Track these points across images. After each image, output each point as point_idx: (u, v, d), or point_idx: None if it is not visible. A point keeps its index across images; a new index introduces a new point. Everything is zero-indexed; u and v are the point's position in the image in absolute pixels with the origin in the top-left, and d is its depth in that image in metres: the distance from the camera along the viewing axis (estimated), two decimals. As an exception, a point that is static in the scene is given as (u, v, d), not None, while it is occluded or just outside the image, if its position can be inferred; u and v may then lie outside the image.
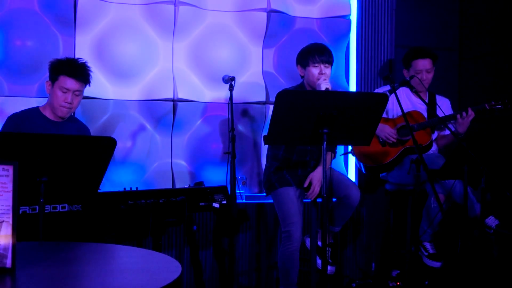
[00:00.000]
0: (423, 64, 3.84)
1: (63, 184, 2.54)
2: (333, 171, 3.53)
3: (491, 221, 3.68)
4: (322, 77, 3.35)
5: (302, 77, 3.52)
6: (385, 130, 3.75)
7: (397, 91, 3.77)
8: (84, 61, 3.16)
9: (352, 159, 4.28)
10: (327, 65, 3.40)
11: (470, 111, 3.63)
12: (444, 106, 3.87)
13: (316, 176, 3.41)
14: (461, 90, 4.61)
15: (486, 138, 3.47)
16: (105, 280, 1.48)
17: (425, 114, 3.82)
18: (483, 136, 3.53)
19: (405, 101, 3.83)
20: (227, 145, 3.32)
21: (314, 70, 3.40)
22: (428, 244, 3.74)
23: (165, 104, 3.89)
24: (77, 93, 3.10)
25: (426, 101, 3.88)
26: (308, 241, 3.65)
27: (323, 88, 3.26)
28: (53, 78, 3.09)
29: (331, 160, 3.58)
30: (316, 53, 3.41)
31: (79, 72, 3.08)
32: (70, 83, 3.06)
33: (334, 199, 3.53)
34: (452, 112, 3.84)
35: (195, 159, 3.99)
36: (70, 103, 3.08)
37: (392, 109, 3.89)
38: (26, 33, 3.64)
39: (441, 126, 3.87)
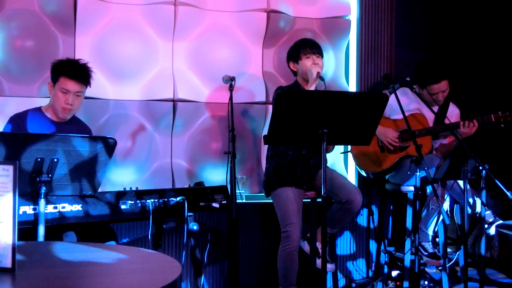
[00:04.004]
0: (439, 88, 3.73)
1: (64, 184, 2.55)
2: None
3: (488, 216, 3.69)
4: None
5: (295, 73, 3.55)
6: (387, 135, 3.71)
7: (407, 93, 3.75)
8: (85, 62, 3.15)
9: (352, 159, 4.27)
10: (318, 55, 3.49)
11: (475, 122, 3.58)
12: (452, 117, 3.80)
13: None
14: (461, 90, 4.61)
15: (486, 137, 3.47)
16: (105, 280, 1.48)
17: (430, 121, 3.77)
18: (482, 136, 3.53)
19: (413, 103, 3.80)
20: (227, 145, 3.32)
21: (307, 61, 3.47)
22: (427, 244, 3.73)
23: (165, 104, 3.89)
24: (78, 94, 3.10)
25: (437, 107, 3.82)
26: (305, 246, 3.64)
27: (314, 72, 3.35)
28: (54, 79, 3.10)
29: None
30: (307, 45, 3.52)
31: (80, 73, 3.08)
32: (71, 84, 3.06)
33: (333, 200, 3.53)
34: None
35: (195, 159, 3.99)
36: (71, 105, 3.08)
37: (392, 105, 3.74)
38: (26, 33, 3.64)
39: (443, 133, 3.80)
